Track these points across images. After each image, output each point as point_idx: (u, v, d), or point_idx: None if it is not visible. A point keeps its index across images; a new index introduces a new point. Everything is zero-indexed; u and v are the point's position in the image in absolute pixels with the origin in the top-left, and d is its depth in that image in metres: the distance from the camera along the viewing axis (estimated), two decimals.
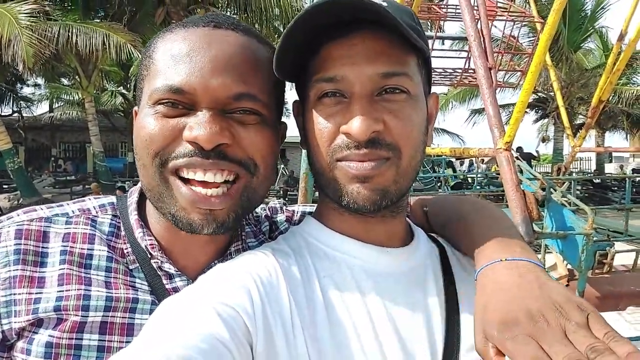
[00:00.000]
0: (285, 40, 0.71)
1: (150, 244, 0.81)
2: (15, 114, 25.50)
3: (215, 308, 0.64)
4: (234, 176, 0.76)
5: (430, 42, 4.84)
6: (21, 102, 26.09)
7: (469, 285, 0.82)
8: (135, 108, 0.84)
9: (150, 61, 0.77)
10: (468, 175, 15.59)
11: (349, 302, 0.73)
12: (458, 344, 0.75)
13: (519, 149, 17.43)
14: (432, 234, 0.93)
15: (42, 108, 28.20)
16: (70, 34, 12.62)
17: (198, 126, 0.71)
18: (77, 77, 16.49)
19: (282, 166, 19.36)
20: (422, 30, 0.79)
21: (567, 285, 2.84)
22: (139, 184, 0.87)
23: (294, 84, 0.85)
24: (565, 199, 3.54)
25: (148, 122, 0.74)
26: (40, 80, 24.99)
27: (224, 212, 0.75)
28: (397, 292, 0.76)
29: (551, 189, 2.49)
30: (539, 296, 0.62)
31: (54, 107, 26.93)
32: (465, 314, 0.78)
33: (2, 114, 21.12)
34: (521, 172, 3.27)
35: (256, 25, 16.73)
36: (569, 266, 2.99)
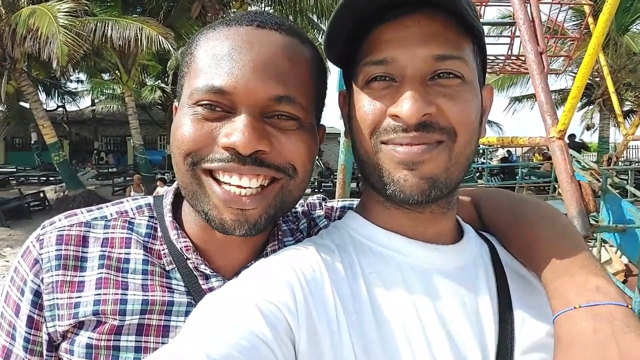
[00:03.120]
0: (337, 18, 0.67)
1: (185, 246, 0.81)
2: (60, 109, 26.47)
3: (257, 305, 0.62)
4: (269, 180, 0.75)
5: None
6: (65, 96, 27.04)
7: (522, 286, 0.78)
8: (176, 103, 0.83)
9: (192, 58, 0.76)
10: (501, 165, 15.12)
11: (396, 300, 0.69)
12: (512, 346, 0.70)
13: (572, 137, 16.80)
14: (480, 231, 0.87)
15: (84, 103, 29.20)
16: (105, 29, 12.98)
17: (236, 132, 0.69)
18: (117, 72, 16.94)
19: (317, 158, 19.38)
20: (478, 16, 0.73)
21: (624, 282, 2.70)
22: (174, 184, 0.87)
23: (342, 74, 0.82)
24: (618, 190, 3.36)
25: (185, 123, 0.73)
26: (82, 76, 25.85)
27: (256, 212, 0.74)
28: (446, 291, 0.72)
29: (607, 179, 2.35)
30: None
31: (95, 101, 27.83)
32: (519, 315, 0.73)
33: (47, 108, 21.93)
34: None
35: (290, 17, 16.71)
36: (626, 261, 2.84)
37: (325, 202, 1.04)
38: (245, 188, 0.72)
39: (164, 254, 0.82)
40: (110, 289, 0.77)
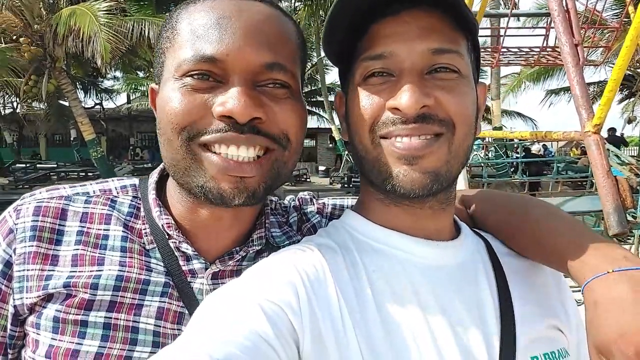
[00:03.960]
0: (335, 15, 0.69)
1: (167, 223, 0.80)
2: (97, 106, 27.26)
3: (260, 304, 0.62)
4: (264, 151, 0.75)
5: (504, 20, 4.57)
6: (102, 94, 27.83)
7: (520, 281, 0.79)
8: (153, 85, 0.81)
9: (175, 32, 0.75)
10: (536, 159, 14.73)
11: (401, 297, 0.70)
12: (514, 339, 0.71)
13: (612, 130, 16.27)
14: (474, 228, 0.88)
15: (120, 100, 30.00)
16: (142, 28, 13.26)
17: (231, 99, 0.68)
18: (152, 69, 17.30)
19: (347, 153, 19.34)
20: (471, 13, 0.75)
21: None
22: (160, 166, 0.87)
23: (338, 74, 0.83)
24: None
25: (174, 96, 0.71)
26: (118, 74, 26.55)
27: (254, 180, 0.73)
28: (449, 287, 0.73)
29: None
30: None
31: (131, 98, 28.56)
32: (518, 309, 0.74)
33: (85, 106, 22.61)
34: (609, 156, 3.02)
35: (320, 12, 16.68)
36: None
37: (316, 199, 1.04)
38: (242, 157, 0.72)
39: (145, 233, 0.81)
40: (86, 265, 0.75)
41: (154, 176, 0.86)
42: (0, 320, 0.76)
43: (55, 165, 23.13)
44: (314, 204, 1.01)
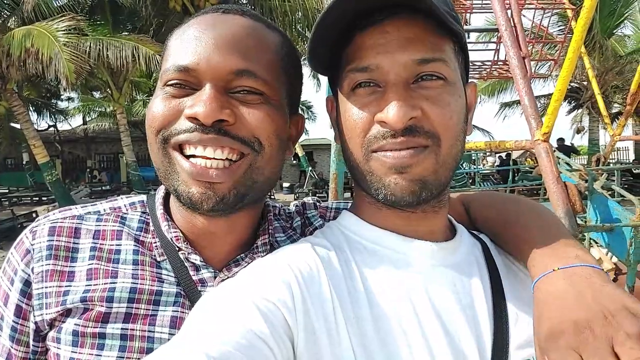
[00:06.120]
0: (319, 29, 0.69)
1: (175, 236, 0.83)
2: (51, 128, 26.41)
3: (255, 303, 0.63)
4: (237, 155, 0.76)
5: None
6: (57, 115, 26.98)
7: (514, 282, 0.80)
8: None
9: (166, 48, 0.81)
10: (492, 169, 15.22)
11: (393, 296, 0.71)
12: (507, 341, 0.72)
13: (561, 140, 16.98)
14: (473, 231, 0.89)
15: (76, 121, 29.17)
16: (101, 48, 13.00)
17: (198, 102, 0.72)
18: (108, 89, 16.94)
19: (310, 169, 19.40)
20: (458, 16, 0.76)
21: (615, 280, 2.72)
22: None
23: (327, 80, 0.84)
24: (606, 190, 3.39)
25: (155, 103, 0.77)
26: (73, 94, 25.85)
27: (224, 187, 0.74)
28: (442, 287, 0.74)
29: (593, 180, 2.38)
30: (589, 305, 0.59)
31: (87, 120, 27.80)
32: (512, 311, 0.75)
33: (39, 128, 21.86)
34: (559, 163, 3.15)
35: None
36: (615, 260, 2.86)
37: (320, 203, 1.05)
38: (210, 159, 0.74)
39: (156, 246, 0.83)
40: (100, 278, 0.78)
41: (160, 192, 0.90)
42: (23, 336, 0.79)
43: (7, 191, 22.19)
44: (317, 209, 1.03)
